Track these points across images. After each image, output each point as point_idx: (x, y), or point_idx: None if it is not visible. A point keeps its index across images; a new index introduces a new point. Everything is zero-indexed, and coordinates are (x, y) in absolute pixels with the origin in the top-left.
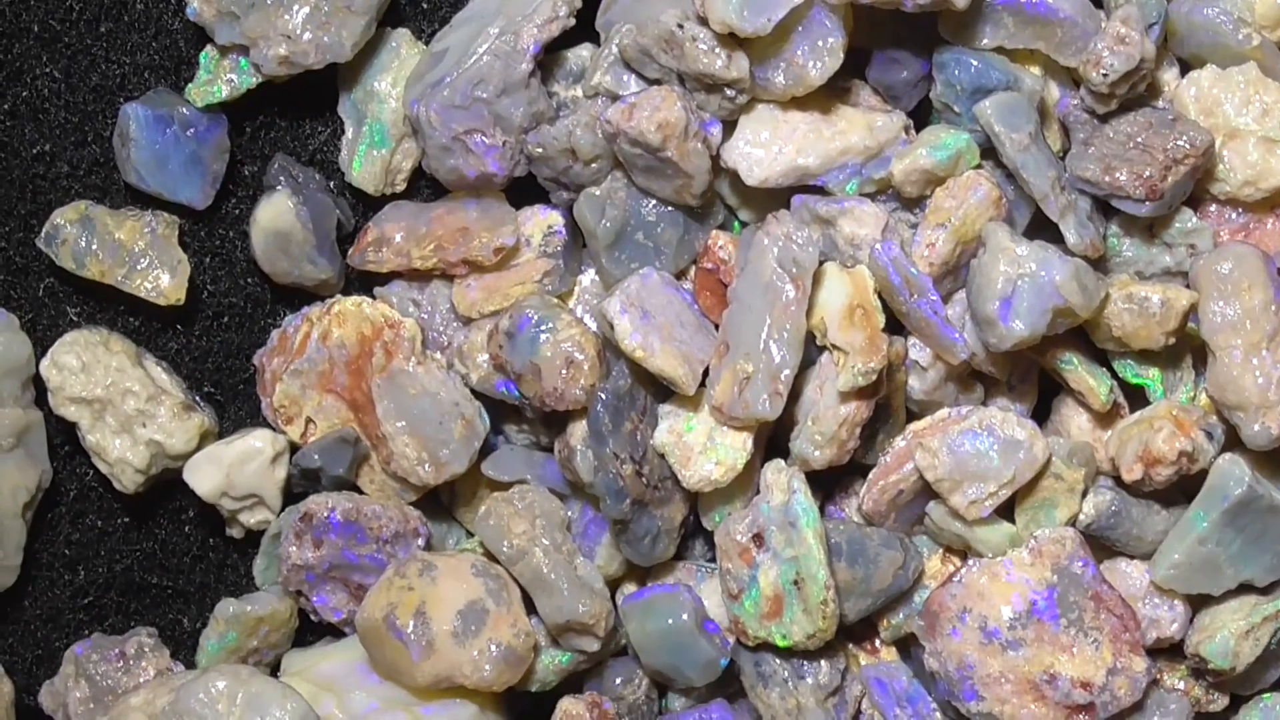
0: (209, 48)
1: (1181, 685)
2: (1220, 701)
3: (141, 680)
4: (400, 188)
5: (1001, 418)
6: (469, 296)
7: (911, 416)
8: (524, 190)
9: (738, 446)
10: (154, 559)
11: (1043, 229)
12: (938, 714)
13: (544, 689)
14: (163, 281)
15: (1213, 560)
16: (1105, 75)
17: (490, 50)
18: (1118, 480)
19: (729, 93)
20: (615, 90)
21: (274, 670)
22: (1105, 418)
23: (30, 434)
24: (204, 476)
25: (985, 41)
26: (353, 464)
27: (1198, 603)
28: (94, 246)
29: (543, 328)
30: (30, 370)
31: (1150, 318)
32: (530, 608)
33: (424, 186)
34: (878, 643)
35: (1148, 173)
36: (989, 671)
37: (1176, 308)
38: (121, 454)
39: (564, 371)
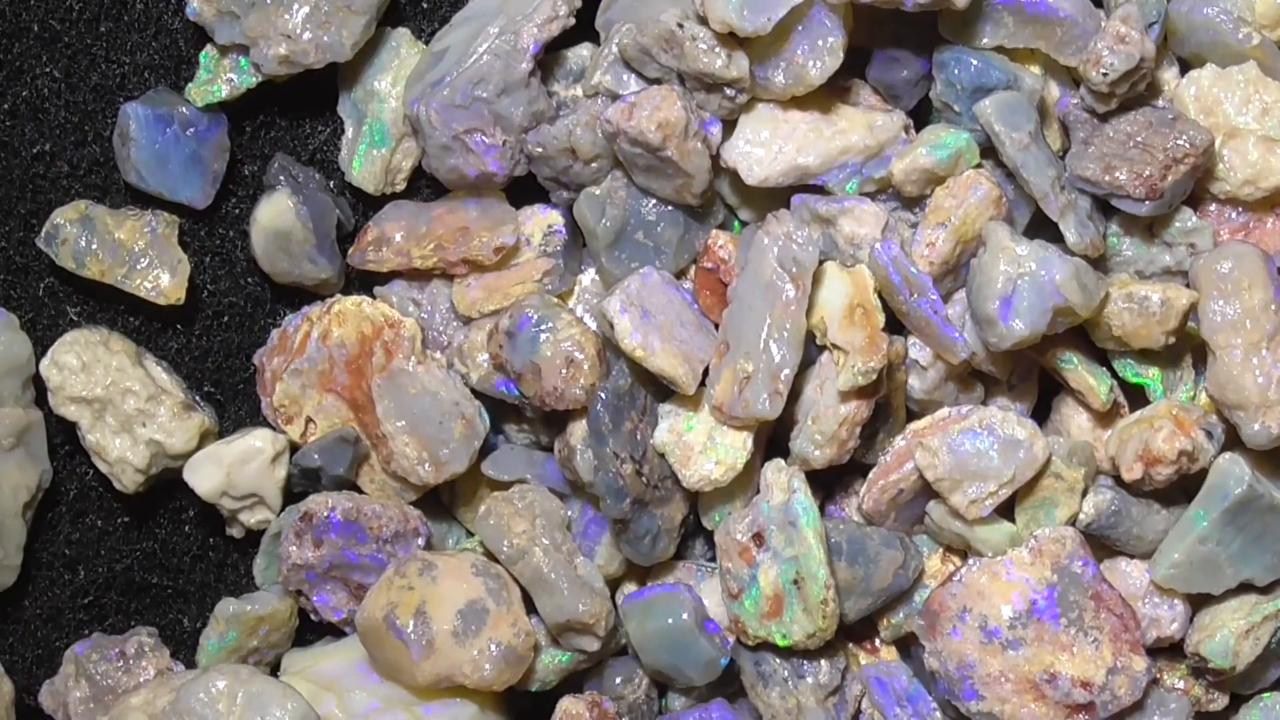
0: (209, 47)
1: (1181, 685)
2: (1220, 701)
3: (142, 680)
4: (400, 187)
5: (1001, 417)
6: (469, 296)
7: (911, 416)
8: (524, 190)
9: (738, 446)
10: (154, 559)
11: (1043, 228)
12: (938, 713)
13: (544, 688)
14: (163, 281)
15: (1213, 559)
16: (1105, 74)
17: (490, 50)
18: (1118, 479)
19: (729, 92)
20: (615, 89)
21: (274, 670)
22: (1105, 417)
23: (30, 434)
24: (204, 476)
25: (985, 41)
26: (353, 463)
27: (1198, 602)
28: (94, 246)
29: (543, 327)
30: (30, 370)
31: (1150, 317)
32: (530, 607)
33: (424, 186)
34: (878, 642)
35: (1148, 172)
36: (989, 671)
37: (1176, 307)
38: (121, 453)
39: (564, 371)
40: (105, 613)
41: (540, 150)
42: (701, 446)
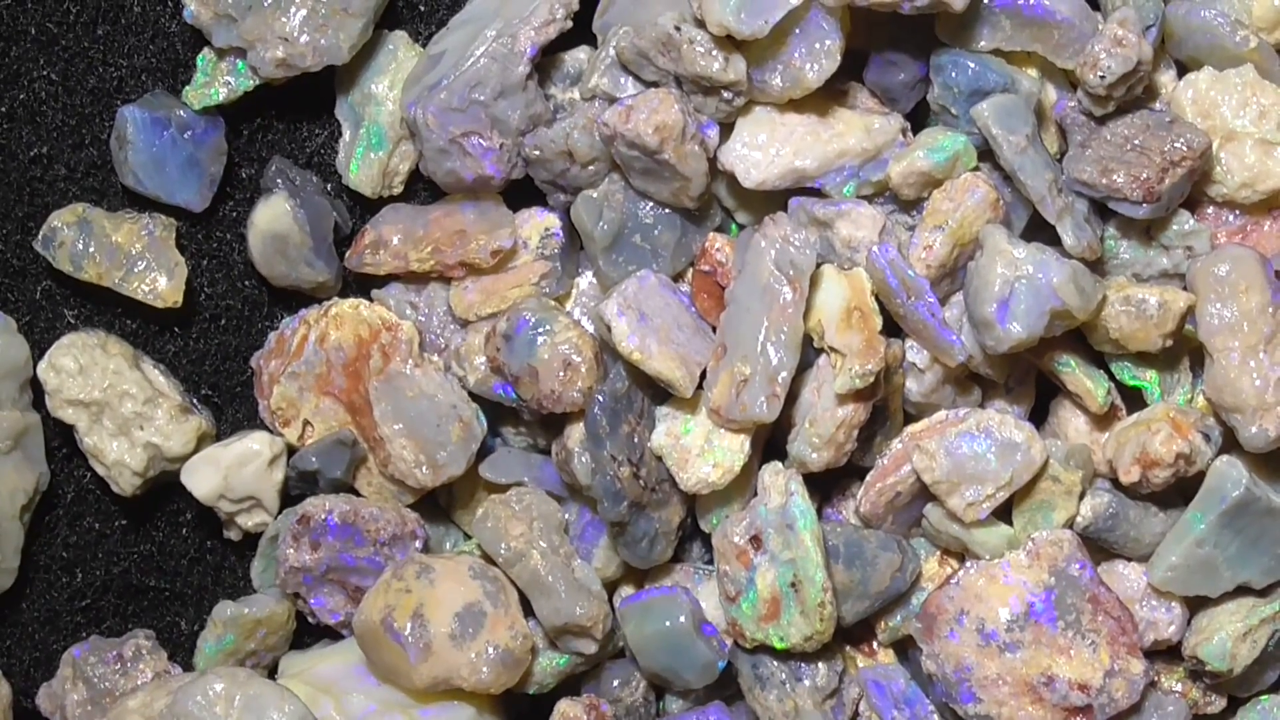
0: (206, 50)
1: (1179, 687)
2: (1218, 703)
3: (139, 683)
4: (397, 190)
5: (999, 420)
6: (466, 299)
7: (909, 419)
8: (521, 192)
9: (735, 449)
10: (152, 561)
11: (1040, 231)
12: (935, 716)
13: (542, 691)
14: (160, 284)
15: (1210, 562)
16: (1102, 77)
17: (487, 53)
18: (1115, 482)
19: (726, 95)
20: (612, 92)
21: (272, 673)
22: (1103, 420)
23: (28, 436)
24: (202, 479)
25: (982, 44)
26: (350, 466)
27: (1195, 605)
28: (91, 249)
29: (540, 330)
30: (28, 373)
31: (1148, 320)
32: (528, 610)
33: (421, 189)
34: (875, 645)
35: (1145, 175)
36: (986, 673)
37: (1174, 310)
38: (119, 456)
39: (561, 374)
40: (103, 615)
41: (537, 153)
42: (699, 449)
